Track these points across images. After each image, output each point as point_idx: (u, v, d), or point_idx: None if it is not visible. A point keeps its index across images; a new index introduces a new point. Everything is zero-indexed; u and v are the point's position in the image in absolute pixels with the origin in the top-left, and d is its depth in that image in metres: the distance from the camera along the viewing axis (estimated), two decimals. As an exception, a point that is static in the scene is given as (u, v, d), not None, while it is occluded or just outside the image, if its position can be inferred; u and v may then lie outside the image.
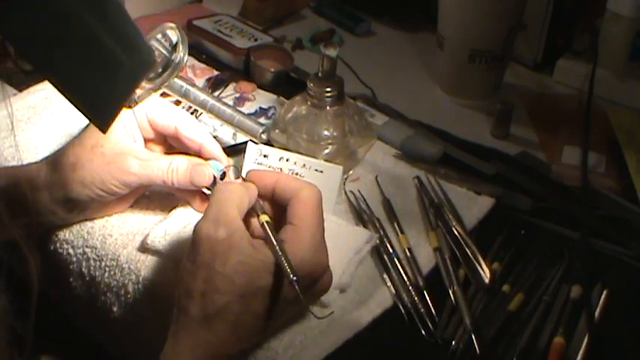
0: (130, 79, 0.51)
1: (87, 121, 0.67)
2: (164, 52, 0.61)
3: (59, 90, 0.45)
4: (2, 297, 0.48)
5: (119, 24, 0.49)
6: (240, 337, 0.55)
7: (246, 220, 0.58)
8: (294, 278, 0.53)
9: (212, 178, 0.66)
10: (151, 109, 0.68)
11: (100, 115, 0.50)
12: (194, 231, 0.55)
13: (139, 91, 0.62)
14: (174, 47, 0.62)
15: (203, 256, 0.54)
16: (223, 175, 0.67)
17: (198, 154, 0.68)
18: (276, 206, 0.61)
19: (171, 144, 0.71)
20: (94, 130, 0.66)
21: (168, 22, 0.62)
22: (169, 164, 0.65)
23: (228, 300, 0.54)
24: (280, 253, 0.55)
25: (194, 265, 0.55)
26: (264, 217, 0.59)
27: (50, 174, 0.66)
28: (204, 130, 0.69)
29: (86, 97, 0.47)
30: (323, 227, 0.58)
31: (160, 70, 0.62)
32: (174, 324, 0.56)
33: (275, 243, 0.56)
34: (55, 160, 0.66)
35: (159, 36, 0.62)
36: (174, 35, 0.62)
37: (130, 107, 0.64)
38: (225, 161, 0.69)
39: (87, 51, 0.46)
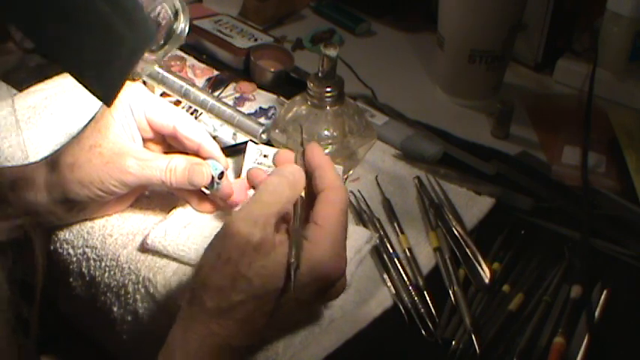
0: (132, 51, 0.51)
1: (87, 121, 0.67)
2: (169, 14, 0.60)
3: (61, 65, 0.45)
4: (5, 286, 0.48)
5: None
6: (247, 333, 0.55)
7: None
8: (293, 262, 0.53)
9: (210, 178, 0.66)
10: (149, 108, 0.68)
11: (104, 88, 0.49)
12: (226, 223, 0.54)
13: (142, 64, 0.61)
14: (175, 17, 0.61)
15: (230, 253, 0.53)
16: (221, 175, 0.67)
17: (197, 154, 0.68)
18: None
19: (170, 144, 0.71)
20: (93, 131, 0.66)
21: None
22: (167, 164, 0.65)
23: (242, 299, 0.54)
24: (294, 235, 0.55)
25: (218, 259, 0.54)
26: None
27: (49, 174, 0.66)
28: (202, 130, 0.69)
29: (88, 71, 0.47)
30: (346, 231, 0.58)
31: (162, 41, 0.61)
32: (186, 311, 0.56)
33: (295, 221, 0.56)
34: (54, 161, 0.66)
35: (159, 7, 0.61)
36: (176, 3, 0.61)
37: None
38: (224, 161, 0.69)
39: (87, 24, 0.46)
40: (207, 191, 0.68)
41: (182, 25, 0.61)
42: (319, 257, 0.55)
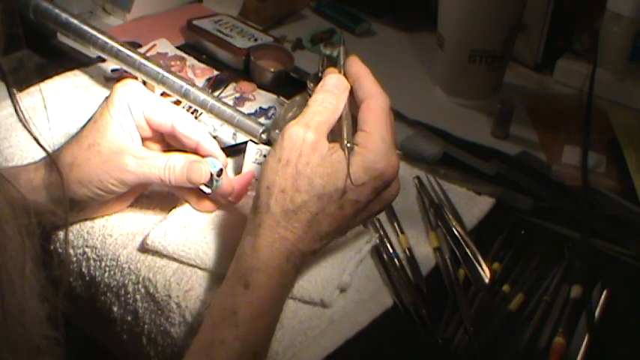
0: None
1: (86, 120, 0.67)
2: None
3: None
4: (37, 272, 0.48)
5: None
6: (314, 236, 0.58)
7: None
8: (348, 144, 0.57)
9: (209, 175, 0.66)
10: (147, 107, 0.68)
11: None
12: (283, 130, 0.59)
13: None
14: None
15: (289, 154, 0.57)
16: (220, 172, 0.67)
17: (196, 152, 0.68)
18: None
19: (169, 142, 0.71)
20: (91, 130, 0.66)
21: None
22: (166, 162, 0.65)
23: (306, 199, 0.57)
24: (345, 121, 0.59)
25: (278, 163, 0.58)
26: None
27: (48, 174, 0.66)
28: (200, 128, 0.69)
29: None
30: (393, 132, 0.60)
31: None
32: (252, 221, 0.58)
33: (345, 110, 0.60)
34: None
35: None
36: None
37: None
38: (223, 158, 0.69)
39: None
40: (207, 190, 0.68)
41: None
42: (372, 157, 0.57)
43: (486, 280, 0.68)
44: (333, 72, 0.63)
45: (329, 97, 0.60)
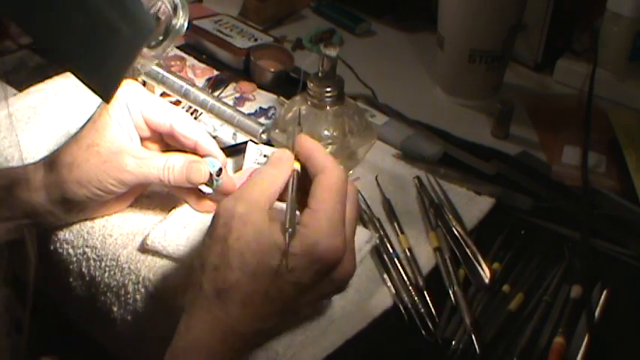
0: (130, 46, 0.51)
1: (85, 121, 0.67)
2: (169, 8, 0.61)
3: (58, 61, 0.45)
4: (3, 288, 0.48)
5: None
6: (253, 317, 0.55)
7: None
8: (289, 229, 0.53)
9: (208, 175, 0.66)
10: (146, 107, 0.68)
11: (102, 84, 0.49)
12: (216, 206, 0.56)
13: (142, 60, 0.61)
14: (174, 12, 0.61)
15: (219, 230, 0.55)
16: (219, 172, 0.67)
17: (195, 152, 0.68)
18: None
19: (168, 142, 0.71)
20: (90, 130, 0.66)
21: None
22: (165, 162, 0.65)
23: (238, 277, 0.54)
24: (289, 203, 0.56)
25: (210, 239, 0.55)
26: (296, 164, 0.59)
27: (47, 175, 0.65)
28: (199, 128, 0.69)
29: (86, 66, 0.47)
30: (343, 211, 0.57)
31: (161, 37, 0.61)
32: (189, 299, 0.56)
33: (291, 190, 0.57)
34: (52, 161, 0.66)
35: (159, 3, 0.61)
36: (174, 0, 0.61)
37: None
38: (222, 157, 0.69)
39: (84, 19, 0.45)
40: (207, 189, 0.68)
41: (181, 21, 0.61)
42: (313, 238, 0.54)
43: (486, 280, 0.68)
44: (283, 149, 0.61)
45: (268, 168, 0.58)
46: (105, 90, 0.49)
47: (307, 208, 0.56)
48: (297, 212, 0.57)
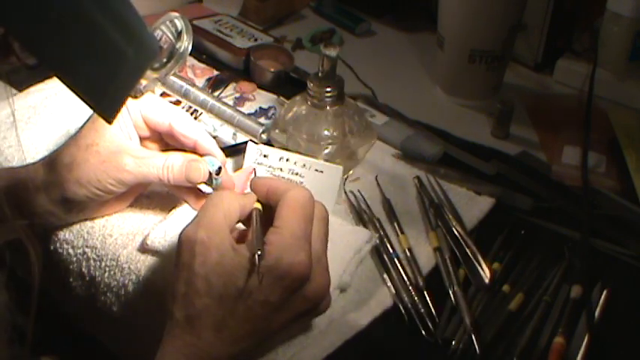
0: (135, 69, 0.51)
1: (85, 121, 0.67)
2: (170, 38, 0.61)
3: (63, 82, 0.45)
4: (4, 293, 0.48)
5: (122, 13, 0.48)
6: (227, 340, 0.54)
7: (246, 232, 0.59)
8: (258, 252, 0.53)
9: (207, 174, 0.66)
10: (145, 106, 0.67)
11: (106, 106, 0.49)
12: (179, 235, 0.56)
13: (144, 81, 0.62)
14: (178, 36, 0.62)
15: (184, 257, 0.55)
16: (219, 171, 0.67)
17: (194, 151, 0.68)
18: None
19: (167, 142, 0.71)
20: (90, 130, 0.66)
21: (173, 12, 0.62)
22: (164, 161, 0.65)
23: (207, 302, 0.54)
24: (255, 230, 0.55)
25: (176, 268, 0.56)
26: (257, 205, 0.59)
27: (47, 175, 0.65)
28: (198, 127, 0.69)
29: (91, 89, 0.47)
30: (307, 228, 0.57)
31: (165, 59, 0.62)
32: (165, 328, 0.56)
33: (255, 222, 0.57)
34: (52, 161, 0.66)
35: (163, 25, 0.61)
36: (178, 24, 0.62)
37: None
38: (221, 156, 0.69)
39: (90, 42, 0.46)
40: (208, 189, 0.68)
41: (185, 44, 0.62)
42: (277, 255, 0.54)
43: (486, 280, 0.68)
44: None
45: (221, 193, 0.59)
46: (109, 112, 0.50)
47: (272, 227, 0.57)
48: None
